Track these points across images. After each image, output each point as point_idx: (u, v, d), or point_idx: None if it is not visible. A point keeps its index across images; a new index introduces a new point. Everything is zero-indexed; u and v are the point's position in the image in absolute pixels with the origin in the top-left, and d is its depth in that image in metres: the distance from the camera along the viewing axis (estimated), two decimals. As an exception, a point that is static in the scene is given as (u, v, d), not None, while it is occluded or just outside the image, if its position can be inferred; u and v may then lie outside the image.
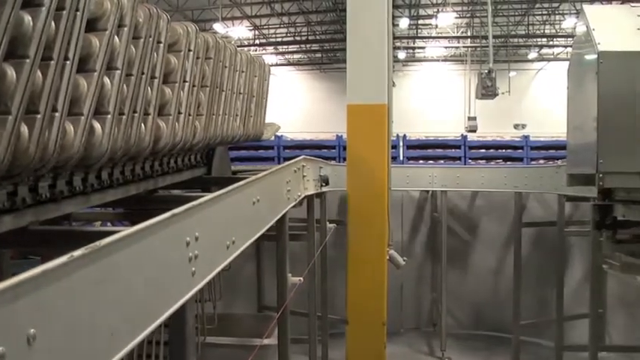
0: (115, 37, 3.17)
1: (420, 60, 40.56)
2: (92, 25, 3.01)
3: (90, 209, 4.21)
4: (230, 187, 3.07)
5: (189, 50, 4.36)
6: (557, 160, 9.44)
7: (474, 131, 29.18)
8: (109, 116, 3.17)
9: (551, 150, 10.63)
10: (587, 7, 5.47)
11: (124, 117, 3.37)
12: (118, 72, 3.23)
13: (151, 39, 3.63)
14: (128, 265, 1.90)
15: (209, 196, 2.76)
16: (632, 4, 5.57)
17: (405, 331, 10.68)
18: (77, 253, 1.56)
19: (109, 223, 5.78)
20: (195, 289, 2.51)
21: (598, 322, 8.30)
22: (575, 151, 5.71)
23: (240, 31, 31.56)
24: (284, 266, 4.99)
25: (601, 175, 4.97)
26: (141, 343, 2.37)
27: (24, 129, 2.49)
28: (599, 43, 5.01)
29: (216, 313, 6.63)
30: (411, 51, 38.98)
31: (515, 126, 33.15)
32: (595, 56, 4.98)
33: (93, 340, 1.65)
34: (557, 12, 31.41)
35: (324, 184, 6.54)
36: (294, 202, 5.06)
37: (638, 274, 4.81)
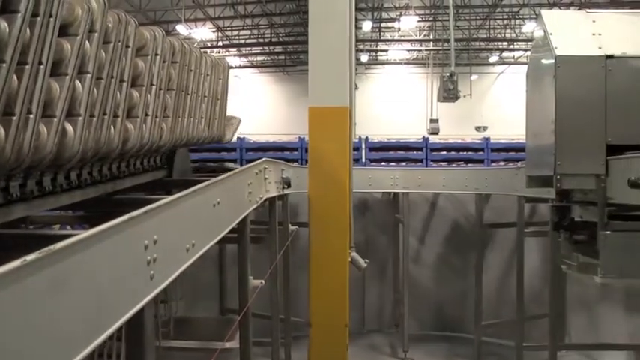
0: (86, 42, 3.27)
1: (382, 63, 40.74)
2: (64, 31, 3.10)
3: (49, 212, 4.17)
4: (190, 190, 3.06)
5: (156, 54, 4.49)
6: (517, 162, 9.55)
7: (436, 133, 29.42)
8: (81, 118, 3.27)
9: (512, 152, 10.75)
10: (544, 12, 5.56)
11: (95, 119, 3.47)
12: (89, 75, 3.33)
13: (120, 44, 3.74)
14: (84, 269, 1.88)
15: (168, 198, 2.74)
16: (588, 10, 5.67)
17: (367, 332, 10.72)
18: (31, 257, 1.54)
19: (68, 227, 5.72)
20: (153, 292, 2.49)
21: (557, 321, 8.42)
22: (533, 154, 5.79)
23: (203, 32, 31.42)
24: (245, 269, 4.98)
25: (558, 177, 5.05)
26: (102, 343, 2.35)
27: (0, 130, 2.57)
28: (556, 48, 5.10)
29: (173, 316, 6.60)
30: (374, 54, 39.13)
31: (477, 128, 33.50)
32: (552, 60, 5.06)
33: (48, 344, 1.64)
34: (517, 16, 31.77)
35: (286, 187, 6.54)
36: (256, 204, 5.05)
37: (595, 274, 4.88)
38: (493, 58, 38.50)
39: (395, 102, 39.45)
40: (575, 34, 5.29)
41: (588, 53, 5.07)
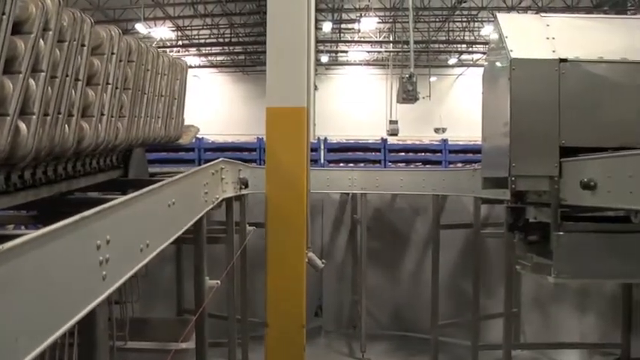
0: (40, 40, 3.23)
1: (342, 64, 40.85)
2: (18, 29, 3.06)
3: (3, 211, 4.12)
4: (144, 190, 3.04)
5: (112, 53, 4.45)
6: (475, 163, 9.66)
7: (396, 135, 29.60)
8: (34, 117, 3.24)
9: (469, 154, 10.86)
10: (500, 16, 5.63)
11: (49, 118, 3.43)
12: (43, 74, 3.29)
13: (75, 42, 3.70)
14: (34, 269, 1.86)
15: (121, 198, 2.72)
16: (543, 14, 5.76)
17: (325, 332, 10.73)
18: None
19: (22, 226, 5.63)
20: (106, 293, 2.47)
21: (512, 321, 8.54)
22: (489, 155, 5.86)
23: (162, 31, 31.20)
24: (201, 269, 4.96)
25: (513, 179, 5.11)
26: (53, 346, 2.32)
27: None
28: (511, 50, 5.16)
29: (129, 318, 6.53)
30: (334, 55, 39.23)
31: (436, 130, 33.76)
32: (507, 63, 5.12)
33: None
34: (476, 19, 32.12)
35: (243, 187, 6.52)
36: (212, 204, 5.03)
37: (548, 274, 4.95)
38: (452, 60, 38.87)
39: (355, 103, 39.58)
40: (529, 38, 5.36)
41: (542, 56, 5.14)
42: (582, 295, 9.29)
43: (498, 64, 5.49)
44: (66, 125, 3.71)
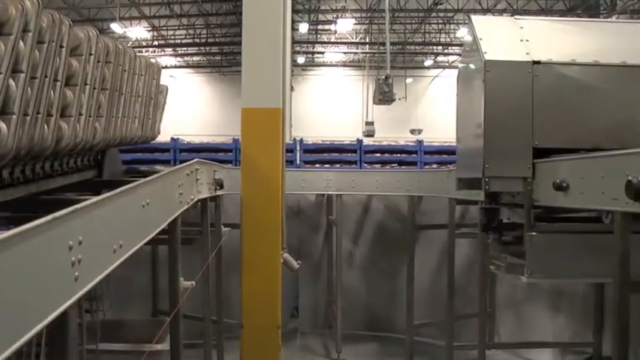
0: (20, 41, 3.31)
1: (319, 65, 40.88)
2: None
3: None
4: (117, 190, 3.03)
5: (90, 54, 4.53)
6: (450, 164, 9.70)
7: (372, 136, 29.69)
8: (14, 117, 3.31)
9: (444, 155, 10.90)
10: (474, 18, 5.67)
11: (28, 117, 3.50)
12: (23, 75, 3.37)
13: (54, 43, 3.77)
14: (4, 270, 1.84)
15: (94, 199, 2.71)
16: (517, 17, 5.81)
17: (301, 333, 10.73)
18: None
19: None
20: (78, 294, 2.46)
21: (487, 321, 8.59)
22: (463, 156, 5.89)
23: (138, 31, 31.00)
24: (176, 270, 4.94)
25: (487, 180, 5.15)
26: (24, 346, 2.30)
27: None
28: (485, 52, 5.20)
29: (103, 319, 6.50)
30: (311, 56, 39.24)
31: (412, 131, 33.87)
32: (482, 65, 5.16)
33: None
34: (451, 21, 32.28)
35: (218, 188, 6.50)
36: (187, 205, 5.01)
37: (522, 274, 5.00)
38: (428, 62, 39.01)
39: (331, 104, 39.60)
40: (503, 40, 5.41)
41: (516, 58, 5.19)
42: (556, 295, 9.37)
43: (472, 65, 5.53)
44: (45, 125, 3.78)
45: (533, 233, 4.94)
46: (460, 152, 6.04)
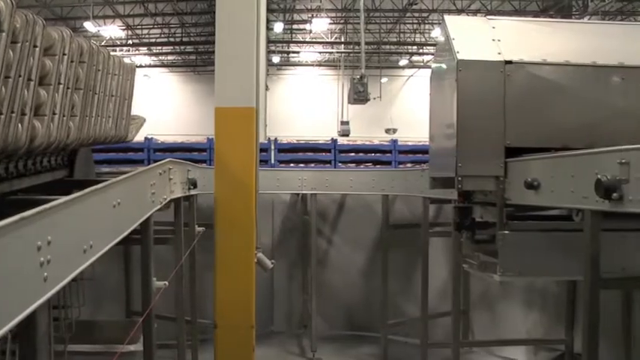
0: None
1: (294, 64, 40.83)
2: None
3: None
4: (87, 190, 3.00)
5: (64, 54, 4.51)
6: (424, 163, 9.75)
7: (347, 135, 29.70)
8: None
9: (419, 154, 10.94)
10: (447, 18, 5.69)
11: (2, 117, 3.51)
12: None
13: (27, 43, 3.77)
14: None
15: (63, 199, 2.68)
16: (489, 17, 5.84)
17: (276, 333, 10.72)
18: None
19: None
20: (47, 295, 2.44)
21: (460, 319, 8.64)
22: (436, 155, 5.92)
23: (112, 30, 30.75)
24: (148, 270, 4.91)
25: (460, 179, 5.18)
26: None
27: None
28: (458, 52, 5.23)
29: (76, 320, 6.44)
30: (286, 55, 39.18)
31: (387, 130, 33.96)
32: (454, 64, 5.19)
33: None
34: (426, 21, 32.39)
35: (192, 187, 6.48)
36: (160, 205, 4.99)
37: (494, 272, 5.03)
38: (403, 62, 39.10)
39: (307, 103, 39.57)
40: (476, 40, 5.44)
41: (488, 58, 5.22)
42: (529, 293, 9.45)
43: (445, 65, 5.56)
44: (19, 124, 3.77)
45: (506, 232, 4.97)
46: (433, 151, 6.07)
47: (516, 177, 4.90)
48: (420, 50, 35.76)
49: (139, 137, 10.73)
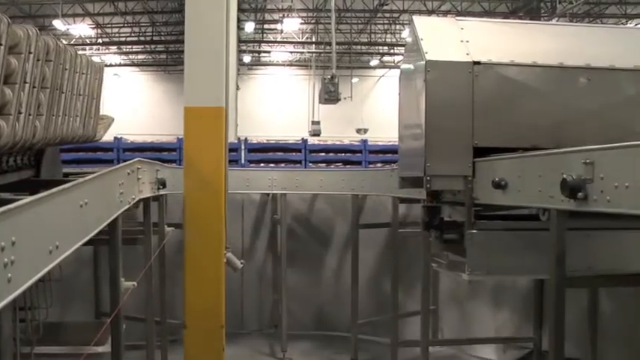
0: None
1: (265, 64, 40.82)
2: None
3: None
4: (53, 190, 2.97)
5: (30, 53, 4.41)
6: (394, 163, 9.79)
7: (318, 135, 29.75)
8: None
9: (389, 154, 10.99)
10: (416, 18, 5.71)
11: None
12: None
13: None
14: None
15: (28, 199, 2.65)
16: (457, 18, 5.88)
17: (246, 333, 10.70)
18: None
19: None
20: (11, 296, 2.41)
21: (429, 318, 8.68)
22: (405, 155, 5.94)
23: (81, 29, 30.51)
24: (117, 270, 4.88)
25: (428, 178, 5.21)
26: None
27: None
28: (426, 53, 5.26)
29: (43, 322, 6.38)
30: (257, 55, 39.15)
31: (358, 130, 34.07)
32: (423, 65, 5.22)
33: None
34: (397, 22, 32.59)
35: (161, 187, 6.45)
36: (128, 205, 4.95)
37: (462, 272, 5.07)
38: (374, 62, 39.29)
39: (278, 103, 39.59)
40: (444, 40, 5.47)
41: (456, 59, 5.26)
42: (498, 292, 9.53)
43: (414, 66, 5.58)
44: None
45: (474, 231, 5.01)
46: (402, 151, 6.09)
47: (484, 177, 4.93)
48: (391, 50, 35.98)
49: (109, 137, 10.65)
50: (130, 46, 35.85)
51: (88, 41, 32.61)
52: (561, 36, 6.06)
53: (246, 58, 36.81)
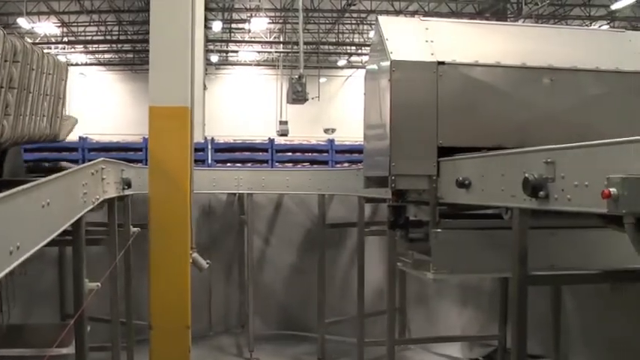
0: None
1: (233, 64, 40.71)
2: None
3: None
4: (14, 190, 2.94)
5: None
6: (360, 163, 9.82)
7: (286, 135, 29.77)
8: None
9: (355, 154, 11.03)
10: (381, 18, 5.75)
11: None
12: None
13: None
14: None
15: (-13, 199, 2.63)
16: (422, 18, 5.93)
17: (214, 333, 10.66)
18: None
19: None
20: (-30, 296, 2.39)
21: (398, 317, 8.73)
22: (371, 155, 5.97)
23: (47, 27, 30.15)
24: (81, 271, 4.84)
25: (393, 178, 5.24)
26: None
27: None
28: (391, 53, 5.29)
29: (5, 324, 6.32)
30: (225, 54, 39.03)
31: (326, 130, 34.14)
32: (388, 65, 5.25)
33: None
34: (365, 22, 32.69)
35: (126, 187, 6.41)
36: (92, 205, 4.92)
37: (428, 271, 5.10)
38: (341, 62, 39.39)
39: (246, 103, 39.50)
40: (409, 40, 5.51)
41: (421, 59, 5.30)
42: (465, 290, 9.59)
43: (379, 65, 5.62)
44: None
45: (438, 230, 5.05)
46: (367, 151, 6.12)
47: (448, 176, 4.98)
48: (359, 51, 36.10)
49: (74, 137, 10.56)
50: (96, 45, 35.51)
51: (53, 40, 32.23)
52: (525, 37, 6.13)
53: (214, 58, 36.69)
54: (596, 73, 5.52)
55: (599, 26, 30.00)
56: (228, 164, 10.72)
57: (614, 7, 27.50)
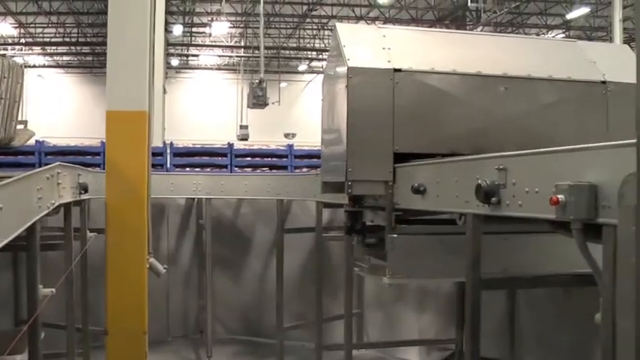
0: None
1: (194, 68, 40.54)
2: None
3: None
4: (-35, 195, 2.92)
5: None
6: (319, 168, 9.86)
7: (246, 139, 29.74)
8: None
9: (315, 158, 11.02)
10: (339, 25, 5.78)
11: None
12: None
13: None
14: None
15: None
16: (379, 25, 5.99)
17: (172, 339, 10.61)
18: None
19: None
20: None
21: (355, 321, 8.77)
22: (328, 160, 6.01)
23: (3, 28, 29.70)
24: (34, 277, 4.79)
25: (350, 183, 5.27)
26: None
27: None
28: (348, 59, 5.33)
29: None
30: (185, 58, 38.84)
31: (286, 135, 34.18)
32: (345, 71, 5.29)
33: None
34: (326, 27, 32.78)
35: (83, 192, 6.36)
36: (47, 210, 4.87)
37: (384, 275, 5.14)
38: (302, 67, 39.45)
39: (206, 107, 39.36)
40: (366, 47, 5.55)
41: (378, 66, 5.35)
42: (422, 294, 9.67)
43: (336, 72, 5.65)
44: None
45: (394, 235, 5.09)
46: (325, 156, 6.15)
47: (404, 182, 5.03)
48: (320, 56, 36.21)
49: (30, 140, 10.44)
50: (54, 47, 35.07)
51: (10, 41, 31.75)
52: (481, 45, 6.23)
53: (174, 62, 36.50)
54: (549, 82, 5.63)
55: (555, 35, 30.54)
56: (187, 169, 10.66)
57: (569, 16, 28.08)
